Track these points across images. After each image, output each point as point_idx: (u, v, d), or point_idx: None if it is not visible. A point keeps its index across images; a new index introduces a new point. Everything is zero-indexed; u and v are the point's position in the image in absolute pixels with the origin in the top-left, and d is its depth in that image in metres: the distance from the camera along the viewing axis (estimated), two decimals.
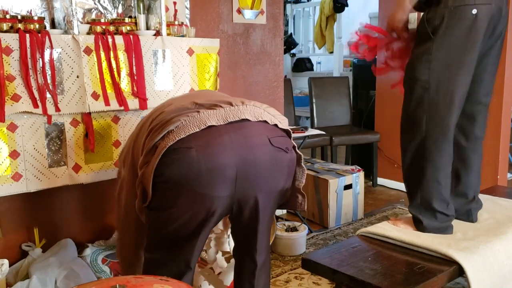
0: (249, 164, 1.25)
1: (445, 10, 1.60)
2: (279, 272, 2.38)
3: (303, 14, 6.68)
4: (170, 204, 1.26)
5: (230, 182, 1.24)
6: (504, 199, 2.15)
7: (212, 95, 1.48)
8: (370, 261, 1.55)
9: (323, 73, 6.22)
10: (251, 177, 1.26)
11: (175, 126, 1.25)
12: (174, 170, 1.22)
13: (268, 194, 1.32)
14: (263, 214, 1.34)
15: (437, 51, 1.62)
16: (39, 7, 2.07)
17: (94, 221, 2.37)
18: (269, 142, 1.28)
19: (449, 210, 1.73)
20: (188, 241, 1.32)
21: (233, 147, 1.23)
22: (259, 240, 1.39)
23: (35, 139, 1.92)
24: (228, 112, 1.28)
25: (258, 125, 1.30)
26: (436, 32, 1.61)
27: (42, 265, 1.97)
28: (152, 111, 1.47)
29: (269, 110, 1.38)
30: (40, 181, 1.95)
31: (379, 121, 3.97)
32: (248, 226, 1.38)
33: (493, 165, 3.27)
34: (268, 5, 2.99)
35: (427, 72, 1.64)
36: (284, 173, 1.34)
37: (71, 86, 1.96)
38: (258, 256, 1.41)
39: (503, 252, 1.63)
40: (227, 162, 1.22)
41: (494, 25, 1.64)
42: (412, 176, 1.73)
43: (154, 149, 1.27)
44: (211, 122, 1.25)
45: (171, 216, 1.28)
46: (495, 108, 3.19)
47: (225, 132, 1.24)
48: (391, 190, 3.85)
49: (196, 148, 1.21)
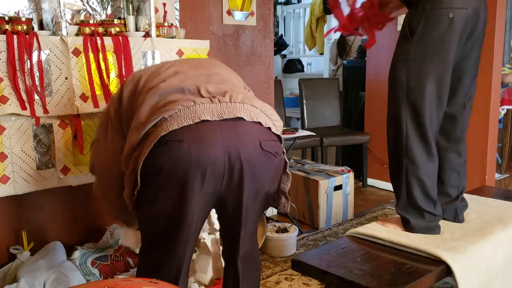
0: (237, 163, 1.25)
1: (422, 13, 1.64)
2: (270, 274, 2.38)
3: (294, 15, 6.70)
4: (157, 194, 1.27)
5: (218, 177, 1.25)
6: (492, 199, 2.17)
7: (215, 78, 1.43)
8: (359, 262, 1.56)
9: (314, 74, 6.24)
10: (237, 176, 1.27)
11: (169, 114, 1.25)
12: (165, 161, 1.23)
13: (253, 196, 1.32)
14: (246, 215, 1.34)
15: (414, 53, 1.66)
16: (27, 8, 2.05)
17: (83, 223, 2.35)
18: (259, 144, 1.29)
19: (437, 210, 1.75)
20: (177, 240, 1.31)
21: (224, 144, 1.24)
22: (242, 242, 1.38)
23: (23, 141, 1.90)
24: (224, 108, 1.28)
25: (251, 126, 1.30)
26: (413, 34, 1.65)
27: (31, 268, 1.95)
28: (146, 70, 1.50)
29: (266, 110, 1.37)
30: (28, 184, 1.93)
31: (368, 122, 4.00)
32: (231, 228, 1.38)
33: (481, 165, 3.31)
34: (258, 7, 3.00)
35: (405, 72, 1.67)
36: (270, 176, 1.35)
37: (60, 88, 1.95)
38: (240, 260, 1.40)
39: (490, 251, 1.65)
40: (216, 157, 1.23)
41: (471, 29, 1.67)
42: (398, 176, 1.75)
43: (146, 136, 1.28)
44: (205, 116, 1.25)
45: (158, 209, 1.28)
46: (483, 109, 3.23)
47: (218, 128, 1.25)
48: (381, 191, 3.87)
49: (187, 141, 1.22)
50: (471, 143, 1.94)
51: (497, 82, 3.28)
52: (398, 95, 1.70)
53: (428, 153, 1.70)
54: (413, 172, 1.70)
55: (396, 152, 1.73)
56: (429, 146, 1.70)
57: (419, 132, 1.68)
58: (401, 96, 1.69)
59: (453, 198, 1.86)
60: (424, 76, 1.64)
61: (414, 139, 1.68)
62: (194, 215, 1.28)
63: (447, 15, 1.60)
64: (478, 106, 3.19)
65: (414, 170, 1.70)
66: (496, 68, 3.22)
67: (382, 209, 3.38)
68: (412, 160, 1.69)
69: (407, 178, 1.71)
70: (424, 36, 1.63)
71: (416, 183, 1.70)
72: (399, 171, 1.73)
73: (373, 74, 3.90)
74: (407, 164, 1.70)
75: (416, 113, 1.67)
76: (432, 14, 1.62)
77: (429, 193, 1.72)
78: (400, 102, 1.69)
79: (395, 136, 1.72)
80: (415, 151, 1.68)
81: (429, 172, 1.71)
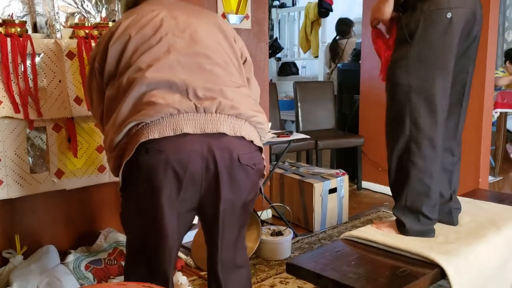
0: (214, 175, 1.27)
1: (420, 15, 1.64)
2: (264, 277, 2.38)
3: (288, 18, 6.72)
4: (136, 196, 1.30)
5: (195, 189, 1.27)
6: (485, 202, 2.18)
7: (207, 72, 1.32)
8: (354, 265, 1.56)
9: (308, 77, 6.25)
10: (214, 188, 1.28)
11: (151, 120, 1.24)
12: (144, 169, 1.25)
13: (229, 207, 1.33)
14: (223, 224, 1.34)
15: (414, 55, 1.65)
16: (21, 10, 2.04)
17: (77, 227, 2.34)
18: (237, 158, 1.29)
19: (433, 214, 1.75)
20: (159, 246, 1.31)
21: (203, 156, 1.24)
22: (221, 251, 1.38)
23: (16, 144, 1.89)
24: (207, 121, 1.26)
25: (233, 140, 1.29)
26: (413, 36, 1.65)
27: (23, 272, 1.94)
28: (135, 23, 1.34)
29: (252, 121, 1.35)
30: (22, 187, 1.92)
31: (363, 125, 4.01)
32: (210, 238, 1.39)
33: (474, 168, 3.33)
34: (253, 10, 3.00)
35: (406, 76, 1.66)
36: (247, 188, 1.35)
37: (54, 91, 1.94)
38: (222, 269, 1.39)
39: (484, 254, 1.66)
40: (194, 170, 1.24)
41: (469, 28, 1.68)
42: (399, 180, 1.75)
43: (129, 132, 1.27)
44: (187, 129, 1.24)
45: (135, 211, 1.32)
46: (476, 112, 3.25)
47: (198, 141, 1.24)
48: (375, 194, 3.88)
49: (167, 153, 1.22)
50: (464, 145, 1.94)
51: (490, 85, 3.30)
52: (400, 99, 1.68)
53: (432, 157, 1.69)
54: (417, 177, 1.69)
55: (398, 156, 1.72)
56: (433, 149, 1.69)
57: (423, 136, 1.66)
58: (403, 100, 1.67)
59: (446, 199, 1.86)
60: (426, 79, 1.64)
61: (417, 143, 1.67)
62: (170, 226, 1.28)
63: (446, 15, 1.60)
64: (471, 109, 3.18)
65: (417, 174, 1.69)
66: (489, 71, 3.24)
67: (377, 212, 3.38)
68: (415, 164, 1.68)
69: (410, 183, 1.70)
70: (424, 38, 1.63)
71: (419, 187, 1.70)
72: (401, 175, 1.72)
73: (367, 78, 3.91)
74: (410, 168, 1.69)
75: (419, 117, 1.65)
76: (431, 15, 1.62)
77: (431, 196, 1.71)
78: (403, 106, 1.68)
79: (397, 140, 1.71)
80: (418, 155, 1.67)
81: (433, 175, 1.71)
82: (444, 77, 1.67)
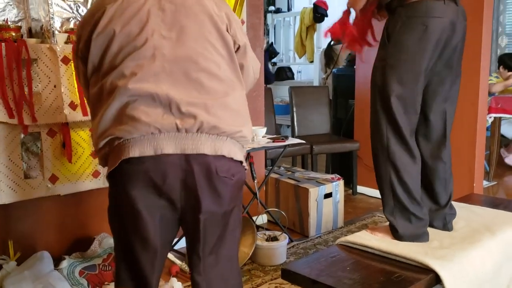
0: (193, 188, 1.27)
1: (399, 20, 1.69)
2: (260, 282, 2.37)
3: (284, 23, 6.74)
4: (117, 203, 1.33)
5: (176, 198, 1.28)
6: (480, 207, 2.19)
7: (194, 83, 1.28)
8: (349, 271, 1.56)
9: (304, 82, 6.27)
10: (193, 201, 1.28)
11: (132, 136, 1.23)
12: (127, 170, 1.26)
13: (209, 217, 1.32)
14: (204, 234, 1.33)
15: (389, 58, 1.71)
16: (16, 16, 2.04)
17: (71, 233, 2.32)
18: (215, 171, 1.29)
19: (423, 214, 1.76)
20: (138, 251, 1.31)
21: (182, 169, 1.25)
22: (203, 262, 1.35)
23: (10, 149, 1.88)
24: (188, 141, 1.25)
25: (212, 159, 1.29)
26: (389, 39, 1.71)
27: (17, 279, 1.92)
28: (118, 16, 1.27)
29: (236, 136, 1.32)
30: (16, 193, 1.91)
31: (358, 130, 4.02)
32: (192, 248, 1.37)
33: (469, 173, 3.34)
34: (249, 15, 3.01)
35: (382, 77, 1.72)
36: (226, 198, 1.33)
37: (48, 96, 1.94)
38: (204, 279, 1.35)
39: (478, 259, 1.66)
40: (174, 181, 1.25)
41: (446, 38, 1.70)
42: (383, 180, 1.78)
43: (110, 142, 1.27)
44: (168, 150, 1.24)
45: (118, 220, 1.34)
46: (471, 118, 3.26)
47: (177, 158, 1.25)
48: (371, 198, 3.89)
49: (148, 164, 1.24)
50: (459, 151, 1.95)
51: (484, 91, 3.32)
52: (377, 99, 1.75)
53: (409, 155, 1.74)
54: (396, 175, 1.73)
55: (379, 156, 1.77)
56: (409, 147, 1.74)
57: (396, 134, 1.72)
58: (379, 100, 1.74)
59: (442, 205, 1.88)
60: (398, 83, 1.69)
61: (394, 142, 1.73)
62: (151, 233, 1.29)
63: (422, 23, 1.65)
64: (466, 115, 3.22)
65: (396, 173, 1.73)
66: (483, 77, 3.26)
67: (372, 217, 3.39)
68: (394, 163, 1.73)
69: (391, 181, 1.74)
70: (398, 41, 1.69)
71: (400, 185, 1.73)
72: (383, 175, 1.77)
73: (362, 82, 3.93)
74: (390, 167, 1.74)
75: (392, 118, 1.71)
76: (409, 22, 1.67)
77: (413, 194, 1.74)
78: (380, 106, 1.74)
79: (377, 140, 1.77)
80: (397, 154, 1.72)
81: (412, 174, 1.74)
82: (416, 82, 1.70)
